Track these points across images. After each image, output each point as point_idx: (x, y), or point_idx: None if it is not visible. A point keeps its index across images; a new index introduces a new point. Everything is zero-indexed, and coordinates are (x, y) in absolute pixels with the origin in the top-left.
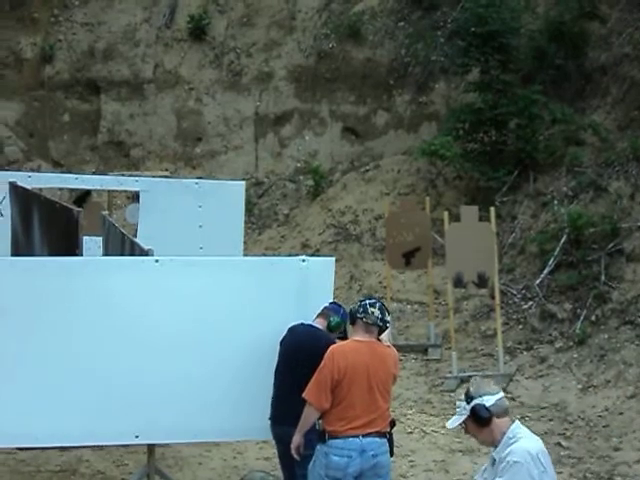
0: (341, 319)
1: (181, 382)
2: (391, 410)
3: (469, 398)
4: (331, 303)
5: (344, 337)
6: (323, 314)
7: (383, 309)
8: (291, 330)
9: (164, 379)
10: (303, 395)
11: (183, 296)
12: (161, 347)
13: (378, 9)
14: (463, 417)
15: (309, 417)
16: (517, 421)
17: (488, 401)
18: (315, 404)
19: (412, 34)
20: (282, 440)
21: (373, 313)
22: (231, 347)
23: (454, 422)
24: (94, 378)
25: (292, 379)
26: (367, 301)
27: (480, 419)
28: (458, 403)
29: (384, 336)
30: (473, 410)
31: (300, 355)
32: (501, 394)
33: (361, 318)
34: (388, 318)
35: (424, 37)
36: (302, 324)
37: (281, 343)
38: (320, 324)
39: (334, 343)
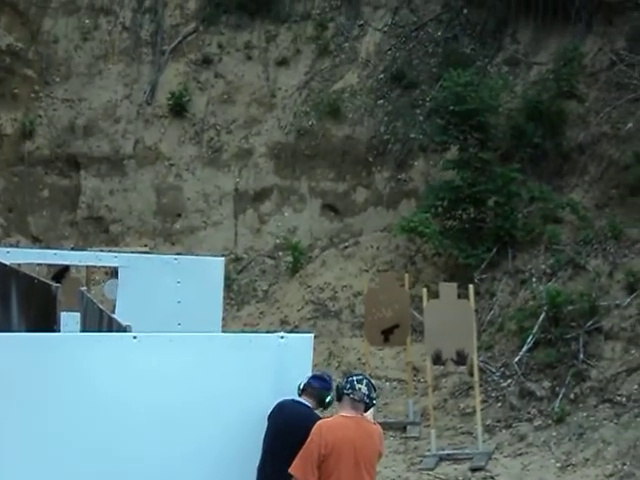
0: (331, 394)
1: (159, 460)
2: None
3: None
4: (315, 378)
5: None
6: (311, 393)
7: (370, 386)
8: (281, 407)
9: (140, 456)
10: (289, 470)
11: (161, 372)
12: (138, 425)
13: (358, 87)
14: None
15: None
16: None
17: None
18: (301, 479)
19: (391, 112)
20: None
21: (360, 389)
22: (209, 424)
23: None
24: (68, 460)
25: (281, 459)
26: (354, 377)
27: None
28: None
29: (369, 414)
30: None
31: (290, 435)
32: None
33: (348, 394)
34: (374, 395)
35: (403, 115)
36: (292, 401)
37: (269, 418)
38: (307, 401)
39: None
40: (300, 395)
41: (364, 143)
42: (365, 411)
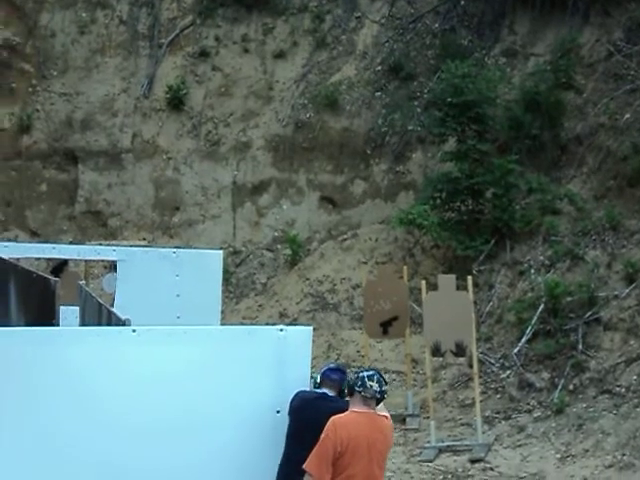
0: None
1: (158, 455)
2: None
3: None
4: (332, 370)
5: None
6: (331, 386)
7: (381, 381)
8: (307, 401)
9: (139, 450)
10: (304, 466)
11: (160, 366)
12: (137, 418)
13: (355, 79)
14: None
15: None
16: None
17: None
18: (316, 476)
19: (389, 104)
20: None
21: (372, 387)
22: (208, 417)
23: None
24: (66, 455)
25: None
26: (365, 373)
27: None
28: None
29: (380, 406)
30: None
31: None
32: None
33: (360, 392)
34: (386, 388)
35: (401, 107)
36: (319, 394)
37: (294, 412)
38: (328, 392)
39: None
40: (318, 387)
41: (362, 135)
42: (377, 404)
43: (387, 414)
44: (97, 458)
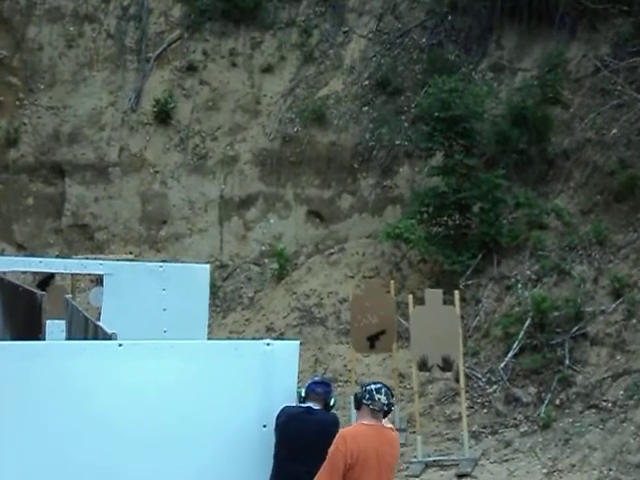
0: (334, 398)
1: (143, 468)
2: None
3: None
4: (317, 383)
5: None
6: (316, 399)
7: (388, 394)
8: (292, 416)
9: (124, 463)
10: (315, 479)
11: (147, 380)
12: (123, 433)
13: (343, 94)
14: None
15: None
16: None
17: None
18: None
19: (376, 118)
20: None
21: (379, 400)
22: (194, 432)
23: None
24: (53, 470)
25: (302, 468)
26: (372, 386)
27: None
28: None
29: (386, 419)
30: None
31: (312, 445)
32: None
33: (368, 405)
34: (393, 401)
35: (388, 122)
36: (303, 409)
37: (280, 427)
38: (316, 406)
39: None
40: (304, 401)
41: (349, 150)
42: (384, 417)
43: (393, 426)
44: (86, 470)
